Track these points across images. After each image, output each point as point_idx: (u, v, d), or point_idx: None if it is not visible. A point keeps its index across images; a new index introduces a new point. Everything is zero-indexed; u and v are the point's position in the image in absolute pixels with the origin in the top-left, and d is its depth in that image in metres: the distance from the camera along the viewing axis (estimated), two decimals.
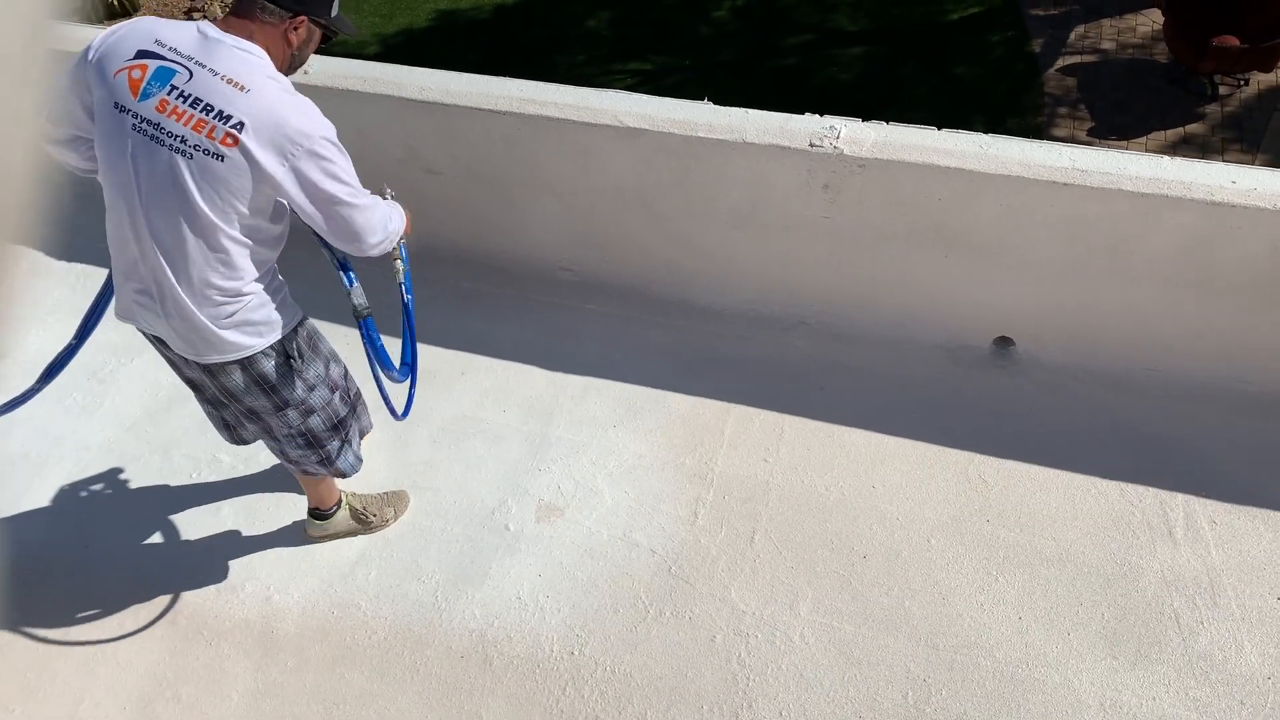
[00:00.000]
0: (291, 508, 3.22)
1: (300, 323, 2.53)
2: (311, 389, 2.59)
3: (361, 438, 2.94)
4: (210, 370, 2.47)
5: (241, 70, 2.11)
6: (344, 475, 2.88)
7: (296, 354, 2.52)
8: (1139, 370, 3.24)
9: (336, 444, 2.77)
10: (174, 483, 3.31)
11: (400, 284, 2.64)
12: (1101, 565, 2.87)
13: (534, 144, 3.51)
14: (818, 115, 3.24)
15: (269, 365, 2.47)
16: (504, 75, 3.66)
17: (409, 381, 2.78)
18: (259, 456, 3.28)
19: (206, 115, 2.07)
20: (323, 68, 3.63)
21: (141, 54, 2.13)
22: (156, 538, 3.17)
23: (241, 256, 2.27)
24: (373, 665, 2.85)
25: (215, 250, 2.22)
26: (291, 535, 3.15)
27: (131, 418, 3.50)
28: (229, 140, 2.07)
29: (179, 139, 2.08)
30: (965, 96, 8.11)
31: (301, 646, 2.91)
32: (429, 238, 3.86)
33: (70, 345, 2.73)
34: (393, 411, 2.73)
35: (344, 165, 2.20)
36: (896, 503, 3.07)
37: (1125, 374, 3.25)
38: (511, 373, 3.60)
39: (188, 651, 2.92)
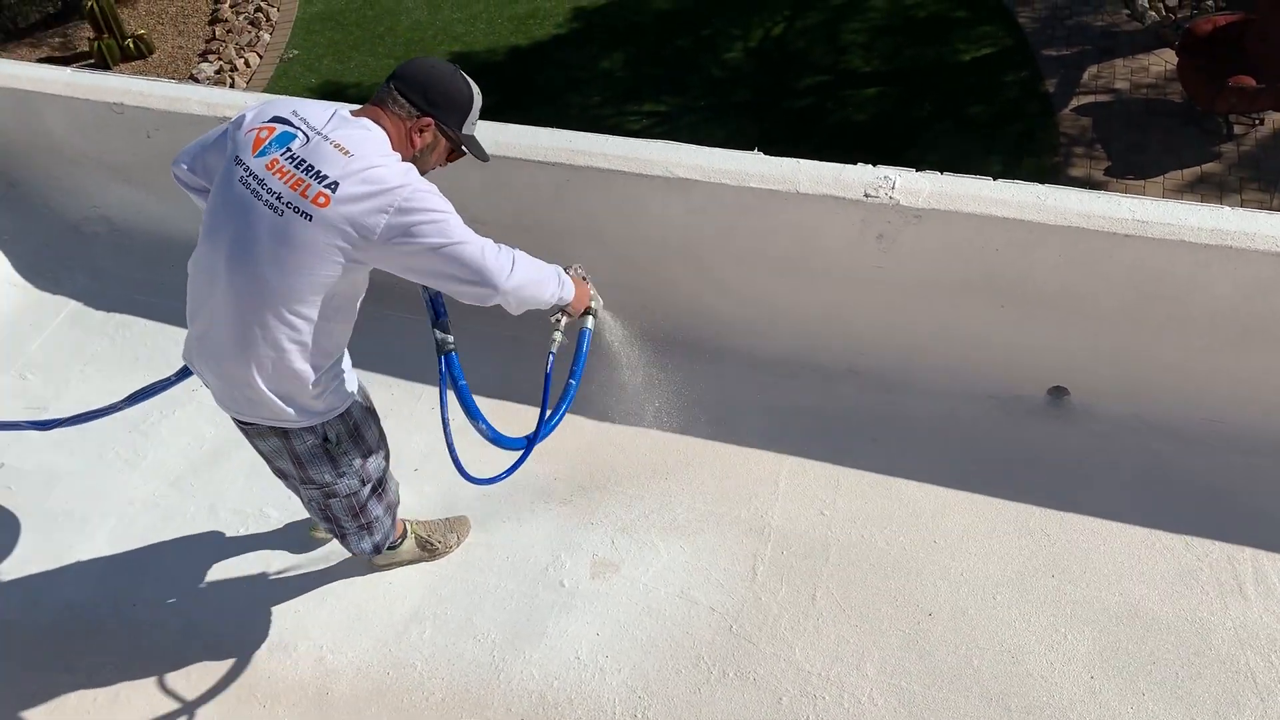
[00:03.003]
0: (342, 564, 3.16)
1: (349, 409, 2.48)
2: (340, 476, 2.55)
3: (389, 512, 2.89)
4: (244, 427, 2.46)
5: (354, 139, 2.13)
6: (360, 554, 2.88)
7: (335, 440, 2.48)
8: (1199, 421, 3.21)
9: (354, 529, 2.74)
10: (221, 538, 3.26)
11: (551, 353, 2.57)
12: (1172, 622, 2.83)
13: (581, 195, 3.50)
14: (870, 165, 3.23)
15: (303, 444, 2.45)
16: (518, 117, 3.66)
17: (518, 453, 2.69)
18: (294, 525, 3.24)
19: (306, 175, 2.08)
20: None
21: (275, 119, 2.19)
22: (205, 596, 3.12)
23: (305, 332, 2.22)
24: None
25: (280, 318, 2.18)
26: (343, 592, 3.10)
27: (175, 471, 3.45)
28: (321, 200, 2.06)
29: (275, 195, 2.09)
30: (980, 137, 8.13)
31: (358, 709, 2.85)
32: None
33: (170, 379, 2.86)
34: (462, 472, 2.65)
35: (444, 213, 2.14)
36: (959, 558, 3.03)
37: (1184, 425, 3.22)
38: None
39: (241, 713, 2.86)
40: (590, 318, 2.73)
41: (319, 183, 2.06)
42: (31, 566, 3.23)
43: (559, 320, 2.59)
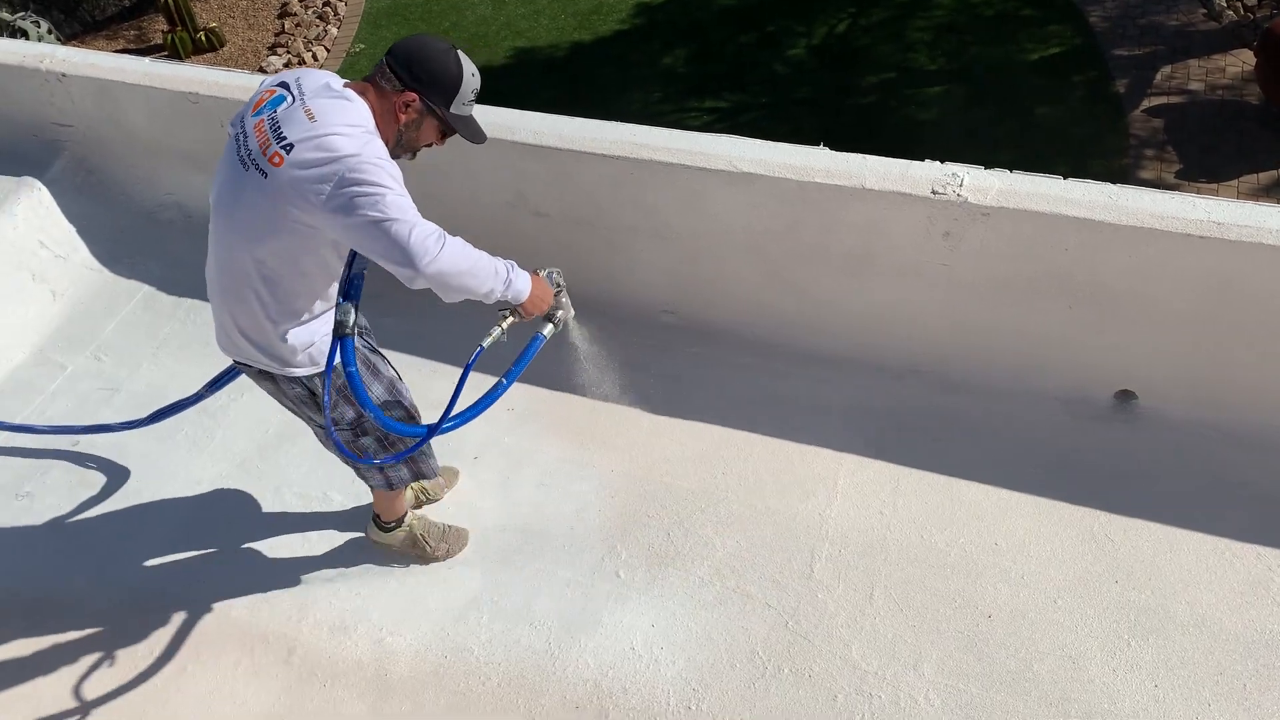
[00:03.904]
0: None
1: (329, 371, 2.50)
2: (333, 423, 2.59)
3: (417, 480, 2.94)
4: (242, 366, 2.60)
5: (326, 107, 2.21)
6: (389, 488, 2.89)
7: (323, 393, 2.55)
8: (1272, 428, 3.13)
9: (362, 464, 2.76)
10: (285, 520, 3.32)
11: (481, 346, 2.47)
12: (1241, 633, 2.77)
13: (644, 188, 3.51)
14: (938, 162, 3.20)
15: (291, 391, 2.57)
16: (579, 112, 3.69)
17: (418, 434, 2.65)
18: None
19: (273, 135, 2.18)
20: None
21: (280, 84, 2.31)
22: (269, 576, 3.18)
23: (271, 289, 2.36)
24: (488, 713, 2.82)
25: (247, 269, 2.34)
26: (404, 576, 3.15)
27: (242, 454, 3.52)
28: (276, 160, 2.17)
29: (249, 152, 2.23)
30: (1047, 138, 8.00)
31: (416, 691, 2.89)
32: None
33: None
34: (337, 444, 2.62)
35: (384, 188, 2.14)
36: (1020, 561, 2.99)
37: (1257, 432, 3.14)
38: (614, 415, 3.57)
39: (302, 692, 2.91)
40: (549, 325, 2.64)
41: (278, 143, 2.17)
42: (100, 544, 3.33)
43: (504, 317, 2.50)
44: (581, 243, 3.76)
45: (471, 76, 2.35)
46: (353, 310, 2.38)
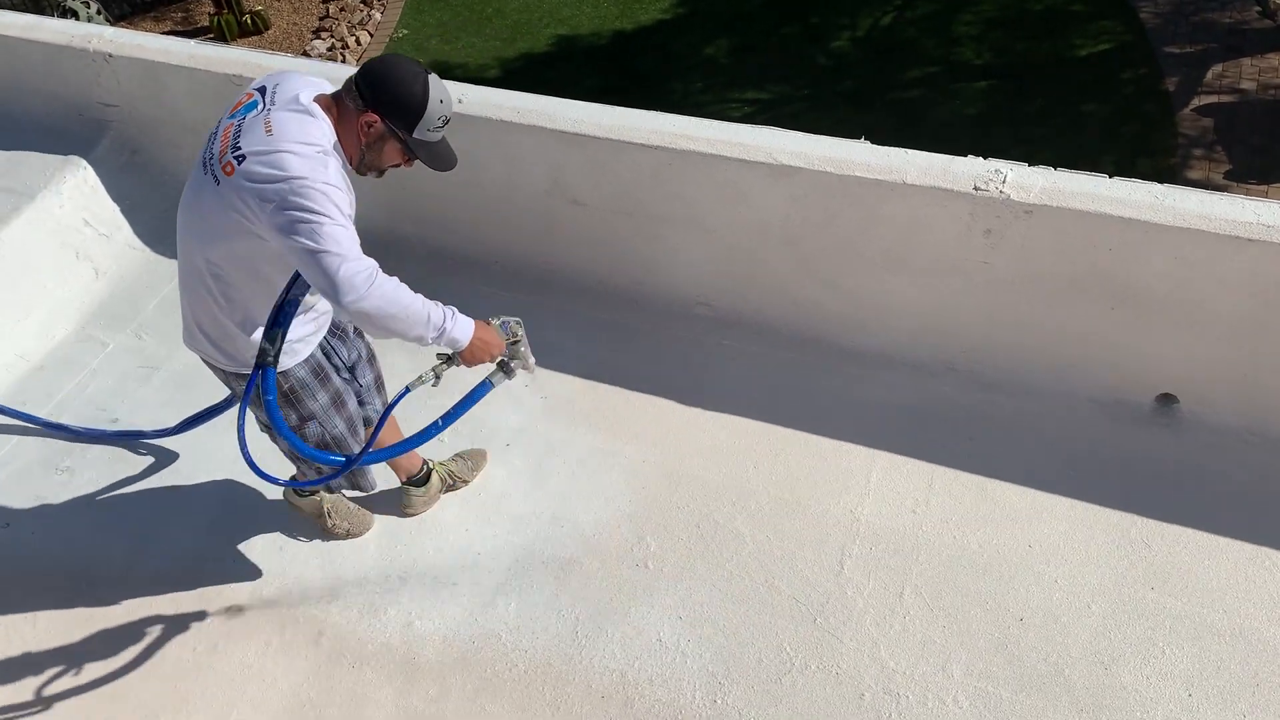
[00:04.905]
0: (434, 532, 3.23)
1: (287, 372, 2.57)
2: (276, 423, 2.57)
3: (353, 489, 2.99)
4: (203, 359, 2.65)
5: (285, 120, 2.23)
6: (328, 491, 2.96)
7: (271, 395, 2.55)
8: None
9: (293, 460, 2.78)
10: None
11: (408, 386, 2.49)
12: (1279, 644, 2.72)
13: (682, 179, 3.49)
14: (981, 158, 3.15)
15: (240, 388, 2.58)
16: (618, 101, 3.68)
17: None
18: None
19: (233, 142, 2.22)
20: (476, 97, 3.67)
21: (259, 88, 2.35)
22: (301, 557, 3.21)
23: (223, 290, 2.41)
24: (514, 699, 2.83)
25: (201, 267, 2.39)
26: (434, 560, 3.17)
27: None
28: (228, 169, 2.20)
29: (211, 154, 2.27)
30: (1094, 136, 7.88)
31: (443, 675, 2.90)
32: (567, 268, 3.90)
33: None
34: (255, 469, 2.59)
35: (323, 216, 2.14)
36: (1054, 563, 2.95)
37: None
38: (645, 406, 3.56)
39: (331, 673, 2.94)
40: (501, 374, 2.59)
41: (232, 152, 2.20)
42: (140, 521, 3.37)
43: (442, 363, 2.47)
44: (618, 232, 3.75)
45: (439, 103, 2.32)
46: (279, 337, 2.38)
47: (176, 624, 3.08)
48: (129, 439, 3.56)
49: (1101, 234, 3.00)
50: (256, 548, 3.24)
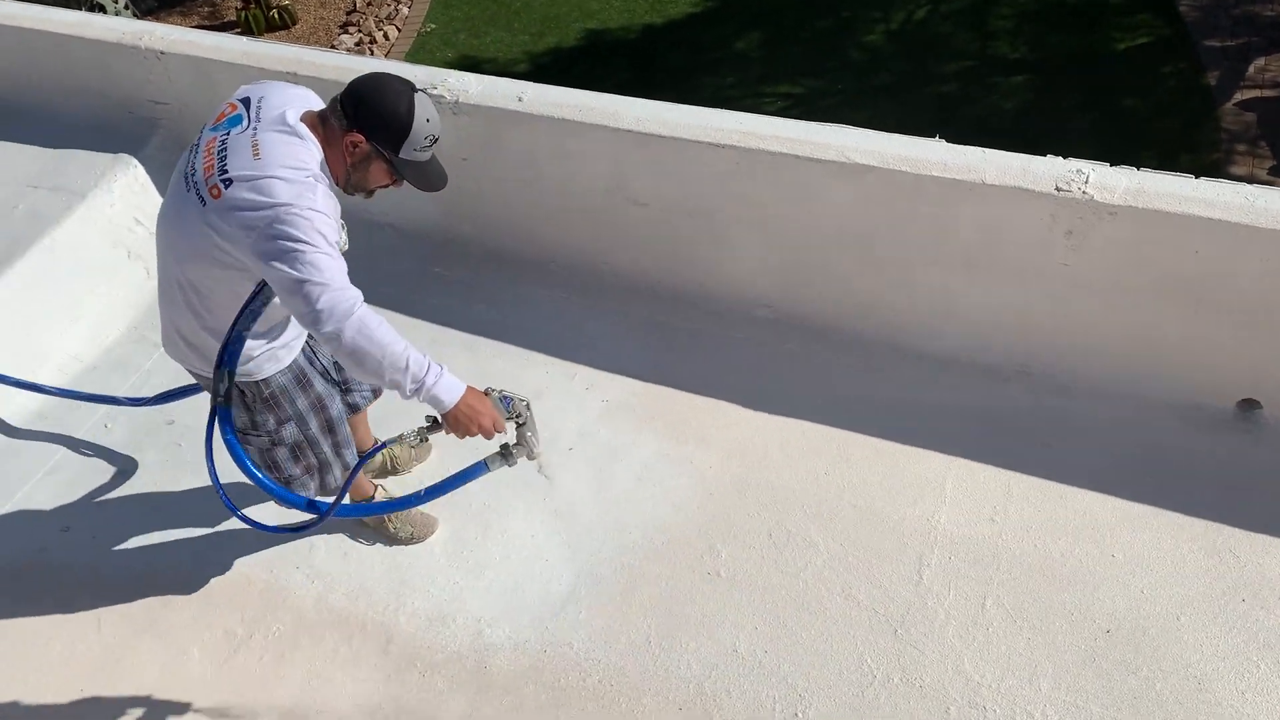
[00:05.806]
0: (500, 538, 3.18)
1: (268, 379, 2.55)
2: (254, 428, 2.62)
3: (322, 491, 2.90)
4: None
5: (273, 143, 2.19)
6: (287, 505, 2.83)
7: (251, 399, 2.58)
8: None
9: (273, 479, 2.70)
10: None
11: (385, 442, 2.55)
12: None
13: (749, 179, 3.43)
14: (1061, 157, 3.08)
15: (218, 387, 2.49)
16: (647, 96, 3.63)
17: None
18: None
19: (219, 163, 2.17)
20: (536, 95, 3.60)
21: (243, 100, 2.30)
22: (367, 564, 3.16)
23: (200, 306, 2.39)
24: (589, 710, 2.78)
25: (178, 282, 2.38)
26: (501, 565, 3.12)
27: None
28: (214, 192, 2.16)
29: (194, 171, 2.22)
30: (1133, 130, 7.77)
31: (516, 685, 2.85)
32: (625, 268, 3.84)
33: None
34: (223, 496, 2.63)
35: (307, 245, 2.11)
36: (1139, 574, 2.88)
37: None
38: (708, 409, 3.51)
39: (402, 681, 2.89)
40: (500, 459, 2.48)
41: (219, 175, 2.16)
42: (190, 523, 3.32)
43: (426, 425, 2.38)
44: (681, 233, 3.69)
45: (426, 123, 2.27)
46: (225, 376, 2.38)
47: (241, 632, 3.03)
48: (102, 402, 3.60)
49: (1188, 236, 2.93)
50: (321, 554, 3.20)
